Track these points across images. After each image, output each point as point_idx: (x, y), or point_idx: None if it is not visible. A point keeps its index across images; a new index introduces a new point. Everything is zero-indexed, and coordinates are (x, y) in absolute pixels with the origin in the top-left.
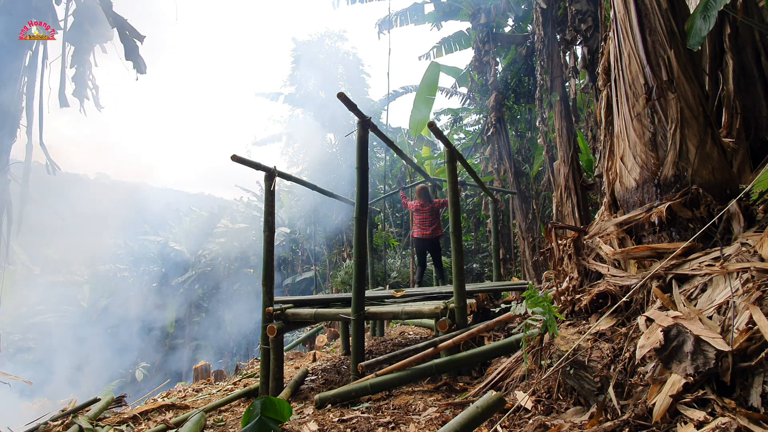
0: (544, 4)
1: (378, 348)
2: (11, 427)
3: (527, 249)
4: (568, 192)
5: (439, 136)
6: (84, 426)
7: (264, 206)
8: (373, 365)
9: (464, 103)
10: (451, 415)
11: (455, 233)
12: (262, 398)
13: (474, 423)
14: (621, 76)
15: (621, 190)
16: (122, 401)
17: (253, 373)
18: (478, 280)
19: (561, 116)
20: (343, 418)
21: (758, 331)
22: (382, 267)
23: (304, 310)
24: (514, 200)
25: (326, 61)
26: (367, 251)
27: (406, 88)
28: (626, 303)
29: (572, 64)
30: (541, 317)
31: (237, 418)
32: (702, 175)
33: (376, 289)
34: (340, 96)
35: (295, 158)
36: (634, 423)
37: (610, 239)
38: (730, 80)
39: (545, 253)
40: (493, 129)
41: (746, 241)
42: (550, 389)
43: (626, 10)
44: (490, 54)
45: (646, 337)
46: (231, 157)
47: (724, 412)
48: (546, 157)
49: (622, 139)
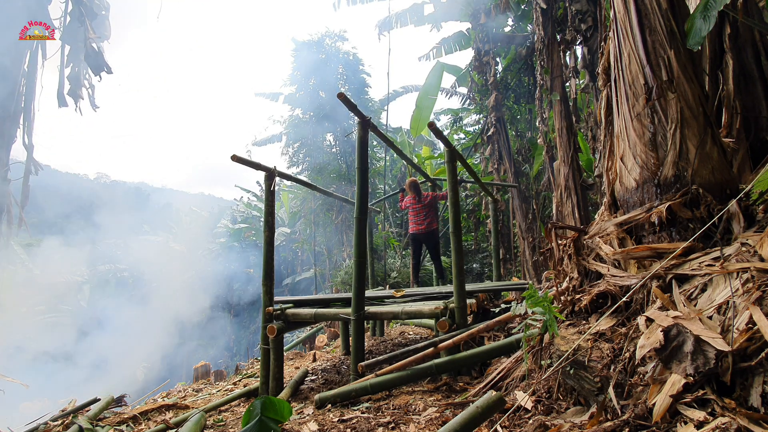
0: (544, 4)
1: (378, 348)
2: (11, 427)
3: (527, 249)
4: (568, 192)
5: (439, 136)
6: (84, 426)
7: (264, 206)
8: (373, 365)
9: (464, 103)
10: (451, 415)
11: (455, 233)
12: (262, 398)
13: (474, 423)
14: (621, 76)
15: (621, 190)
16: (122, 401)
17: (253, 373)
18: (478, 280)
19: (561, 116)
20: (343, 418)
21: (758, 331)
22: (382, 267)
23: (304, 310)
24: (514, 200)
25: (326, 61)
26: (367, 251)
27: (406, 88)
28: (626, 303)
29: (572, 64)
30: (541, 317)
31: (237, 418)
32: (702, 175)
33: (376, 289)
34: (340, 96)
35: (295, 158)
36: (634, 423)
37: (610, 239)
38: (730, 80)
39: (545, 253)
40: (493, 129)
41: (746, 241)
42: (550, 389)
43: (626, 10)
44: (490, 54)
45: (646, 337)
46: (231, 157)
47: (724, 412)
48: (546, 157)
49: (622, 139)
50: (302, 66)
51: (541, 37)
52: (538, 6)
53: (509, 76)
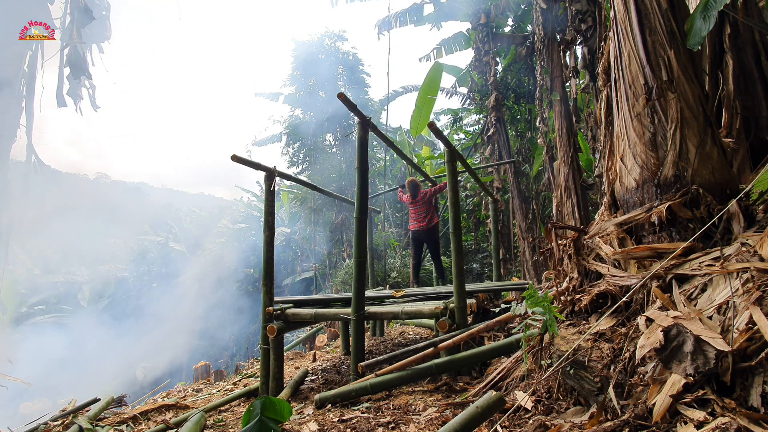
0: (544, 4)
1: (378, 348)
2: (11, 427)
3: (527, 249)
4: (568, 192)
5: (439, 136)
6: (84, 426)
7: (264, 206)
8: (373, 365)
9: (464, 103)
10: (451, 415)
11: (455, 233)
12: (262, 398)
13: (474, 423)
14: (621, 76)
15: (621, 190)
16: (122, 401)
17: (253, 373)
18: (478, 280)
19: (561, 116)
20: (343, 418)
21: (758, 331)
22: (382, 267)
23: (304, 310)
24: (514, 200)
25: (326, 61)
26: (367, 251)
27: (406, 88)
28: (626, 303)
29: (572, 64)
30: (541, 317)
31: (237, 418)
32: (702, 175)
33: (376, 289)
34: (340, 96)
35: (295, 158)
36: (634, 423)
37: (610, 239)
38: (730, 80)
39: (545, 253)
40: (493, 129)
41: (746, 241)
42: (550, 389)
43: (626, 10)
44: (490, 54)
45: (646, 337)
46: (231, 157)
47: (724, 412)
48: (546, 157)
49: (622, 139)
50: (302, 66)
51: (541, 37)
52: (538, 6)
53: (509, 76)
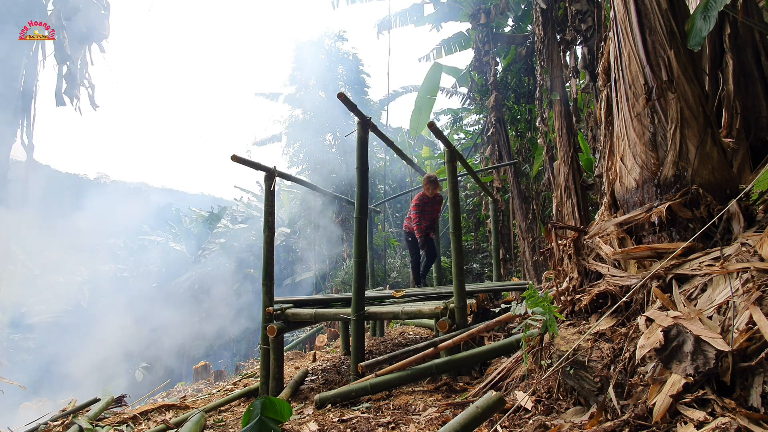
0: (544, 4)
1: (378, 348)
2: (11, 427)
3: (527, 249)
4: (568, 192)
5: (439, 136)
6: (84, 426)
7: (264, 206)
8: (373, 365)
9: (464, 103)
10: (451, 415)
11: (455, 233)
12: (262, 398)
13: (474, 423)
14: (621, 76)
15: (621, 190)
16: (122, 401)
17: (253, 373)
18: (478, 280)
19: (561, 116)
20: (343, 418)
21: (758, 331)
22: (382, 267)
23: (304, 310)
24: (514, 200)
25: (326, 61)
26: (367, 251)
27: (406, 88)
28: (626, 303)
29: (572, 64)
30: (541, 317)
31: (237, 418)
32: (702, 175)
33: (376, 289)
34: (340, 96)
35: (295, 158)
36: (634, 423)
37: (610, 239)
38: (730, 80)
39: (545, 253)
40: (493, 129)
41: (746, 241)
42: (550, 389)
43: (626, 10)
44: (490, 54)
45: (646, 337)
46: (231, 157)
47: (724, 412)
48: (546, 157)
49: (622, 139)
50: (302, 66)
51: (541, 37)
52: (538, 6)
53: (509, 76)
